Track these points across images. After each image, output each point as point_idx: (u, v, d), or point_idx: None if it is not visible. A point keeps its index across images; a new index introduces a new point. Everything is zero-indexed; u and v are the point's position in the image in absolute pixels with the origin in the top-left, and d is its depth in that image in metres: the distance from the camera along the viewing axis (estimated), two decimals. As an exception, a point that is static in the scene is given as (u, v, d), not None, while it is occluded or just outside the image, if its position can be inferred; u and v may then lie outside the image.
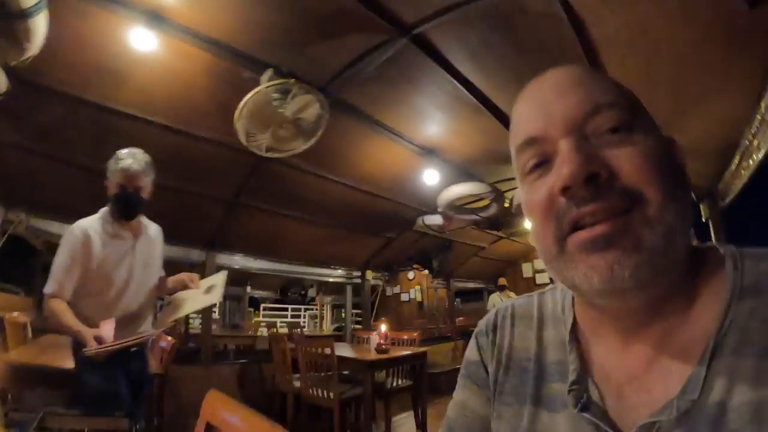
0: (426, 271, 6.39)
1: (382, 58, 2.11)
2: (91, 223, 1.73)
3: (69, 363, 1.77)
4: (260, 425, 0.93)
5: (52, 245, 4.14)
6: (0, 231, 3.21)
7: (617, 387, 0.44)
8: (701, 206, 3.48)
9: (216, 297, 1.88)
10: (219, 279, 1.95)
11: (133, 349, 1.75)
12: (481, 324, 0.60)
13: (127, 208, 1.74)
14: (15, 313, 2.60)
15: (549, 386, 0.48)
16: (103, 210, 1.79)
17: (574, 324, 0.50)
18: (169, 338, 2.87)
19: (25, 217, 3.35)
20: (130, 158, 1.72)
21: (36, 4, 1.65)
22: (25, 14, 1.65)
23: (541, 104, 0.43)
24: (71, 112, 2.60)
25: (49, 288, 1.64)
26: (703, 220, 3.49)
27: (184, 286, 1.94)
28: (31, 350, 2.17)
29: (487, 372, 0.56)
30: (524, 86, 0.47)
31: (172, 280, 1.98)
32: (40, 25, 1.74)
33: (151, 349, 2.50)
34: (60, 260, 1.66)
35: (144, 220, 1.89)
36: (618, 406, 0.43)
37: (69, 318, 1.60)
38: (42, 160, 3.03)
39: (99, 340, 1.53)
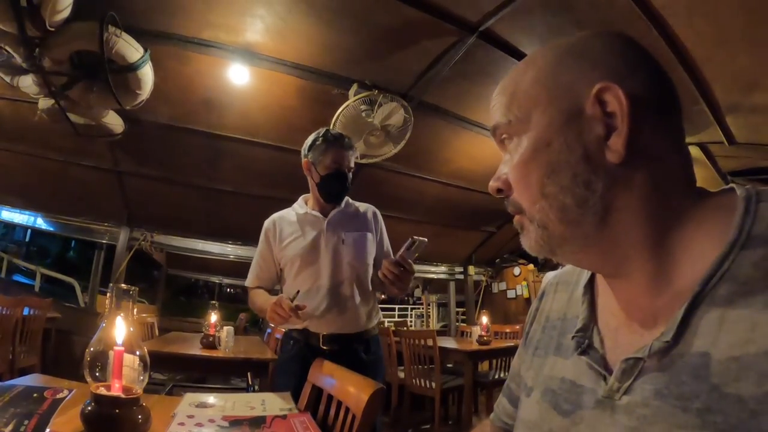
0: (531, 266, 6.16)
1: (455, 58, 2.22)
2: None
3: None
4: (352, 379, 1.13)
5: (171, 257, 4.82)
6: (127, 248, 3.88)
7: (615, 331, 0.47)
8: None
9: None
10: None
11: None
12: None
13: None
14: (144, 315, 3.27)
15: (566, 336, 0.52)
16: None
17: (592, 278, 0.54)
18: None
19: (149, 234, 3.99)
20: None
21: (141, 58, 2.09)
22: (133, 67, 2.08)
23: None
24: (183, 141, 3.10)
25: None
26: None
27: None
28: (158, 343, 2.71)
29: (528, 335, 0.65)
30: None
31: None
32: (147, 75, 2.17)
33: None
34: None
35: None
36: (613, 348, 0.46)
37: None
38: (161, 184, 3.61)
39: None
